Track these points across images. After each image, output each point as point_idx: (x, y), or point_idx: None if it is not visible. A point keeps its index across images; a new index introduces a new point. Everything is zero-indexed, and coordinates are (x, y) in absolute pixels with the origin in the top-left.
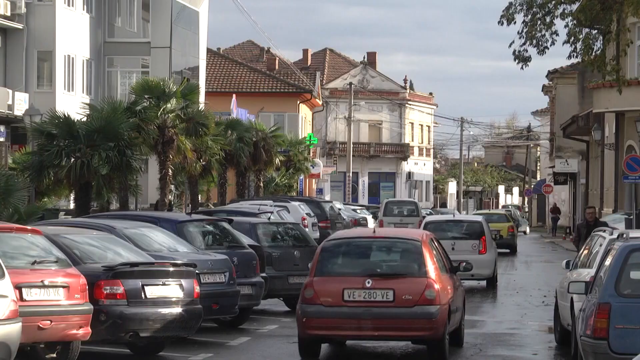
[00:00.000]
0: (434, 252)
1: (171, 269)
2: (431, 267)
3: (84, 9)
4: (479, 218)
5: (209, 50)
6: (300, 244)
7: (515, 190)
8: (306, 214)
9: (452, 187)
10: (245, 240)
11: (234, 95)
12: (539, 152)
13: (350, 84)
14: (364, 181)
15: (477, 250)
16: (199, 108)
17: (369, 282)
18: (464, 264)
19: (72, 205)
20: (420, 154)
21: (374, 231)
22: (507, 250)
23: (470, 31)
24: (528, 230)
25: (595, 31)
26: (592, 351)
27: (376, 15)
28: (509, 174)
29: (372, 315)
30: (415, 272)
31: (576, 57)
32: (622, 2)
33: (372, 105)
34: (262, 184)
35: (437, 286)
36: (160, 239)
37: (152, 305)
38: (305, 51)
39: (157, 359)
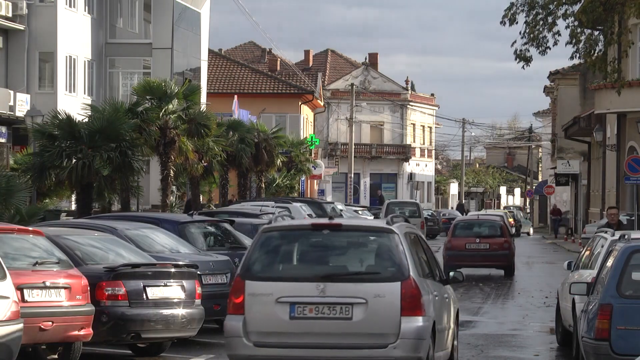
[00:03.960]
0: (506, 226)
1: (173, 270)
2: (506, 233)
3: (85, 10)
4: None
5: (210, 51)
6: None
7: (517, 191)
8: (308, 215)
9: (453, 188)
10: (247, 241)
11: (235, 96)
12: (540, 153)
13: (352, 85)
14: (365, 182)
15: None
16: (201, 109)
17: (477, 240)
18: (519, 231)
19: (73, 207)
20: (422, 155)
21: (477, 217)
22: None
23: (472, 32)
24: (532, 231)
25: (597, 32)
26: (594, 352)
27: (377, 16)
28: (511, 175)
29: (479, 254)
30: (499, 235)
31: (578, 58)
32: (624, 4)
33: (374, 106)
34: (263, 185)
35: (509, 242)
36: (161, 240)
37: (154, 307)
38: (306, 52)
39: None
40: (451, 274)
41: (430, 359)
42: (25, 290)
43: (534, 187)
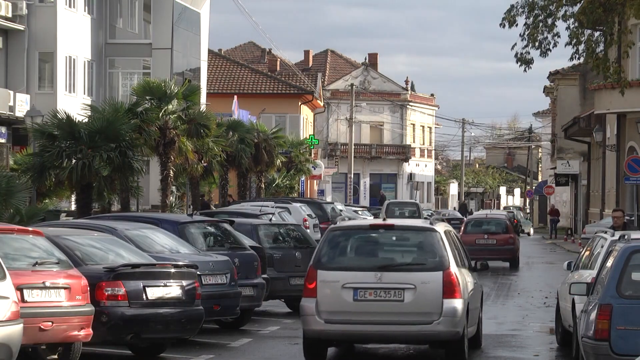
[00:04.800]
0: (511, 224)
1: (172, 270)
2: (511, 230)
3: (85, 10)
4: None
5: (210, 52)
6: (301, 245)
7: (517, 191)
8: (307, 215)
9: (453, 188)
10: (247, 241)
11: (235, 97)
12: (540, 154)
13: (352, 85)
14: (365, 182)
15: None
16: (200, 109)
17: (485, 236)
18: (519, 229)
19: (73, 207)
20: (422, 155)
21: (486, 215)
22: None
23: (472, 32)
24: (532, 231)
25: (598, 33)
26: (594, 352)
27: (377, 17)
28: (511, 175)
29: (487, 249)
30: (504, 232)
31: (578, 58)
32: (624, 4)
33: (374, 107)
34: (263, 185)
35: (513, 238)
36: (161, 240)
37: (154, 307)
38: (306, 52)
39: None
40: (478, 263)
41: (465, 332)
42: (25, 291)
43: (533, 188)
